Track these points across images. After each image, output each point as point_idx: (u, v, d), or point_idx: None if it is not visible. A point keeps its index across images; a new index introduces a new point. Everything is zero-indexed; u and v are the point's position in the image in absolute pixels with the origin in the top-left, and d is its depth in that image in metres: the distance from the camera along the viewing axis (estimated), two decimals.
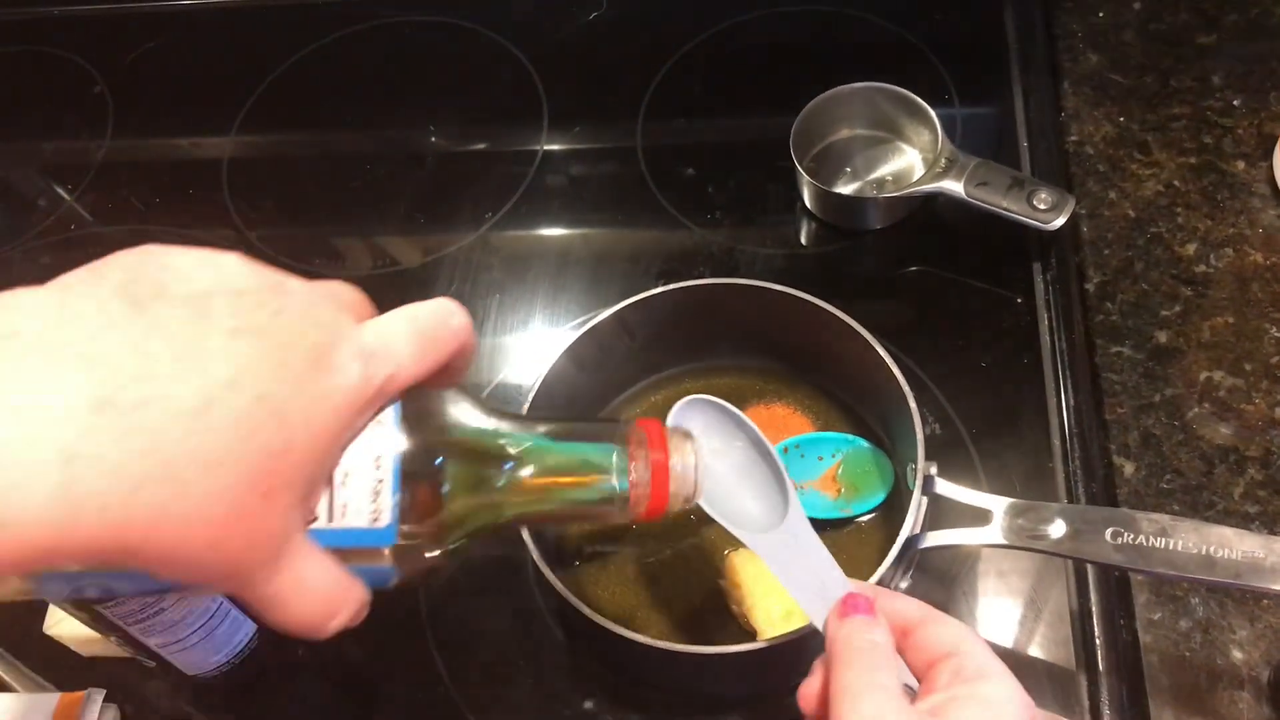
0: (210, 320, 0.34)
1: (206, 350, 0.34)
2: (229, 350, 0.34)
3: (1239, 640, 0.68)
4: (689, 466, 0.49)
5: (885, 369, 0.72)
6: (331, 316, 0.37)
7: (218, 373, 0.33)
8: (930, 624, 0.51)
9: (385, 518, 0.41)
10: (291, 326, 0.36)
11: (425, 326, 0.40)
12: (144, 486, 0.32)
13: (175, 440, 0.32)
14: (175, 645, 0.70)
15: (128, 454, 0.31)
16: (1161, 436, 0.76)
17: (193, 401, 0.33)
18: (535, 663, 0.77)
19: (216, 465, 0.33)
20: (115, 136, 1.13)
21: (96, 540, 0.31)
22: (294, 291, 0.37)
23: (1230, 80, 0.91)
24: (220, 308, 0.35)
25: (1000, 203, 0.86)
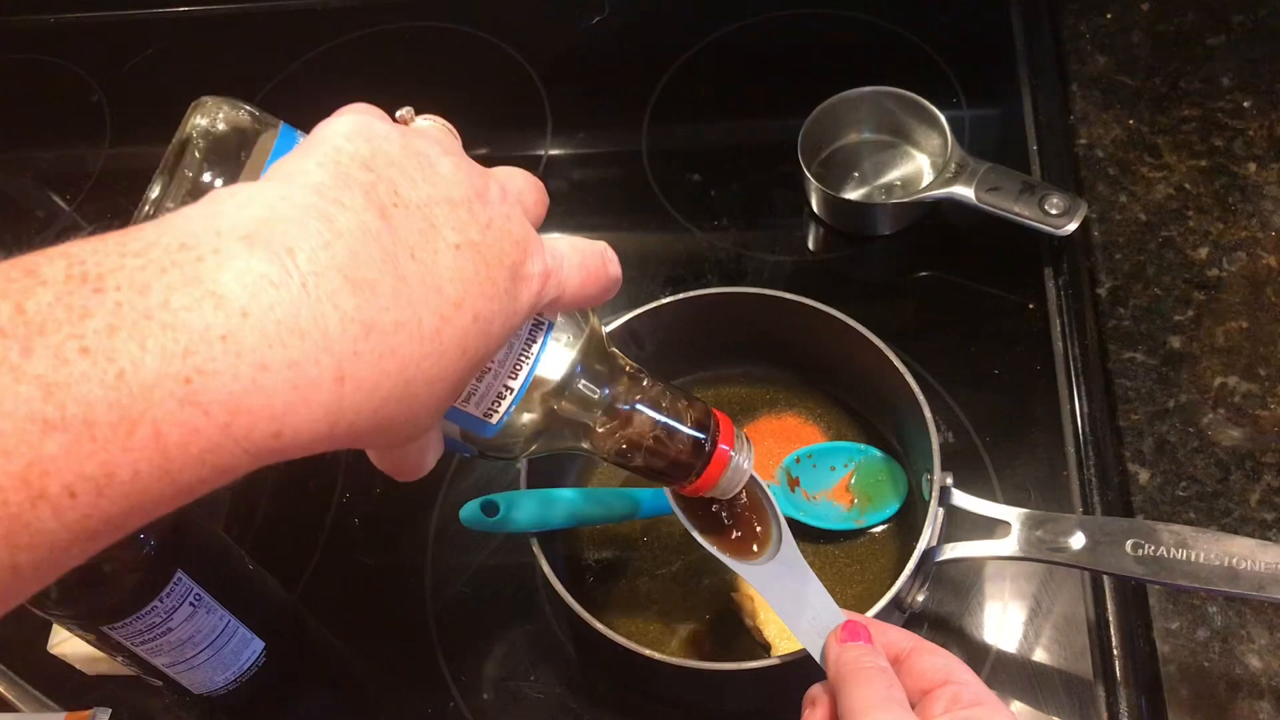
0: (438, 233, 0.37)
1: (439, 269, 0.36)
2: (455, 268, 0.37)
3: (1258, 649, 0.67)
4: (741, 468, 0.55)
5: (898, 376, 0.72)
6: (522, 228, 0.40)
7: (450, 293, 0.36)
8: (922, 653, 0.53)
9: (496, 418, 0.45)
10: (498, 242, 0.39)
11: (590, 263, 0.44)
12: (386, 404, 0.35)
13: (416, 361, 0.35)
14: (182, 665, 0.69)
15: (383, 375, 0.34)
16: (1176, 443, 0.75)
17: (433, 324, 0.36)
18: (545, 677, 0.76)
19: (439, 381, 0.36)
20: (113, 145, 1.12)
21: (338, 442, 0.34)
22: (493, 200, 0.40)
23: (1240, 81, 0.91)
24: (443, 219, 0.37)
25: (1012, 208, 0.85)
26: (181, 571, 0.65)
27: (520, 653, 0.77)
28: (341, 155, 0.36)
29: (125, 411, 0.29)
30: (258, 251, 0.32)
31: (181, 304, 0.30)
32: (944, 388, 0.83)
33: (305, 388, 0.32)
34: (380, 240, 0.35)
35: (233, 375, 0.30)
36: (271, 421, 0.32)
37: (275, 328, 0.31)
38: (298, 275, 0.32)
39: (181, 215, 0.33)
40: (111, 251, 0.30)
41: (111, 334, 0.29)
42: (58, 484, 0.28)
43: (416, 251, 0.36)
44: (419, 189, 0.37)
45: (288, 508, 0.86)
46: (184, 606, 0.66)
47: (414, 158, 0.38)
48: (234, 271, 0.31)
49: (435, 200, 0.37)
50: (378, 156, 0.37)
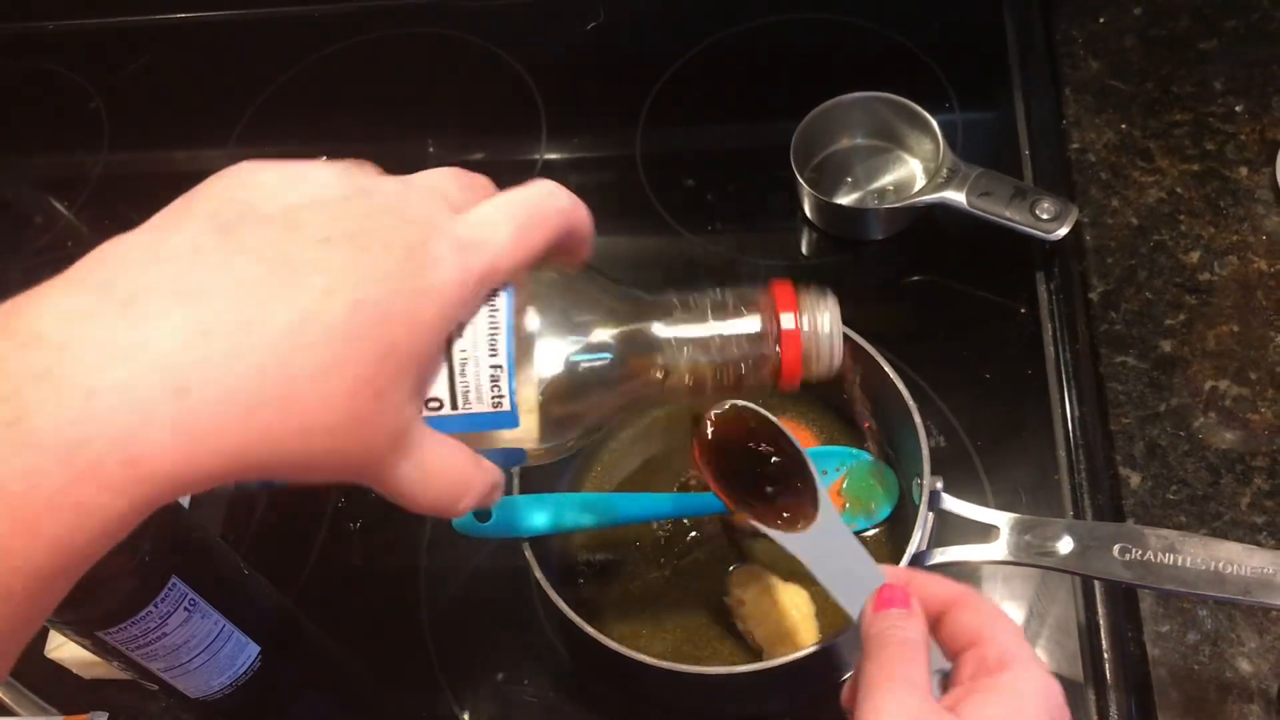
0: (300, 232, 0.35)
1: (299, 263, 0.34)
2: (322, 259, 0.35)
3: (1248, 652, 0.68)
4: (821, 333, 0.46)
5: (889, 382, 0.72)
6: (423, 211, 0.38)
7: (313, 283, 0.34)
8: (962, 609, 0.50)
9: (506, 402, 0.41)
10: (383, 227, 0.36)
11: (523, 210, 0.40)
12: (258, 408, 0.33)
13: (281, 357, 0.33)
14: (178, 669, 0.69)
15: (236, 378, 0.32)
16: (1167, 447, 0.76)
17: (290, 316, 0.33)
18: (539, 681, 0.77)
19: (325, 374, 0.34)
20: (112, 151, 1.13)
21: (222, 465, 0.33)
22: (385, 192, 0.38)
23: (1232, 86, 0.91)
24: (308, 219, 0.35)
25: (1003, 213, 0.85)
26: (176, 577, 0.65)
27: (514, 656, 0.78)
28: (192, 194, 0.36)
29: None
30: (74, 289, 0.33)
31: (4, 350, 0.31)
32: (936, 392, 0.83)
33: (143, 407, 0.31)
34: (217, 253, 0.34)
35: (58, 407, 0.30)
36: (117, 448, 0.31)
37: (95, 353, 0.31)
38: (113, 302, 0.32)
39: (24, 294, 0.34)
40: None
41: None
42: None
43: (267, 255, 0.34)
44: (278, 199, 0.36)
45: (283, 512, 0.86)
46: (179, 611, 0.66)
47: (283, 178, 0.37)
48: (51, 312, 0.32)
49: (299, 206, 0.36)
50: (234, 186, 0.36)
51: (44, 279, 0.34)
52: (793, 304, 0.46)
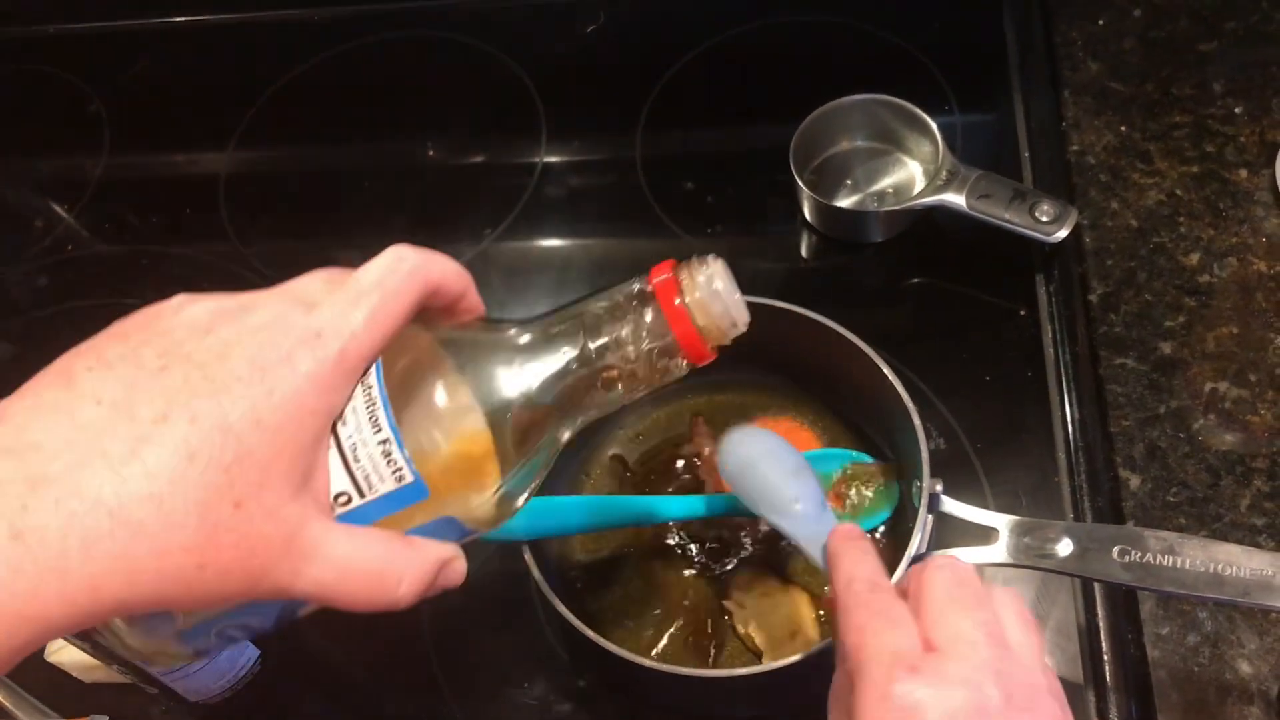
0: (139, 368, 0.35)
1: (133, 397, 0.35)
2: (156, 388, 0.35)
3: (1248, 654, 0.67)
4: (703, 285, 0.45)
5: (888, 385, 0.72)
6: (271, 316, 0.38)
7: (144, 413, 0.34)
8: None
9: (406, 473, 0.39)
10: (222, 344, 0.36)
11: (370, 285, 0.39)
12: (99, 541, 0.33)
13: (114, 490, 0.33)
14: (177, 672, 0.69)
15: (69, 516, 0.33)
16: (1167, 449, 0.76)
17: (121, 450, 0.34)
18: (538, 683, 0.77)
19: (164, 496, 0.34)
20: (111, 154, 1.13)
21: (75, 605, 0.33)
22: (230, 312, 0.38)
23: (1231, 87, 0.91)
24: (147, 354, 0.36)
25: (1002, 215, 0.86)
26: None
27: (514, 659, 0.78)
28: (67, 354, 0.37)
29: None
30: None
31: None
32: (936, 394, 0.83)
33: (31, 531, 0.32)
34: (55, 406, 0.35)
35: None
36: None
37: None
38: None
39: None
40: None
41: None
42: None
43: (103, 395, 0.35)
44: (127, 343, 0.37)
45: None
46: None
47: (145, 325, 0.38)
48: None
49: (145, 341, 0.37)
50: (109, 336, 0.37)
51: (44, 283, 0.35)
52: (671, 286, 0.45)
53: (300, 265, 1.07)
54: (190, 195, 1.09)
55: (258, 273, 1.01)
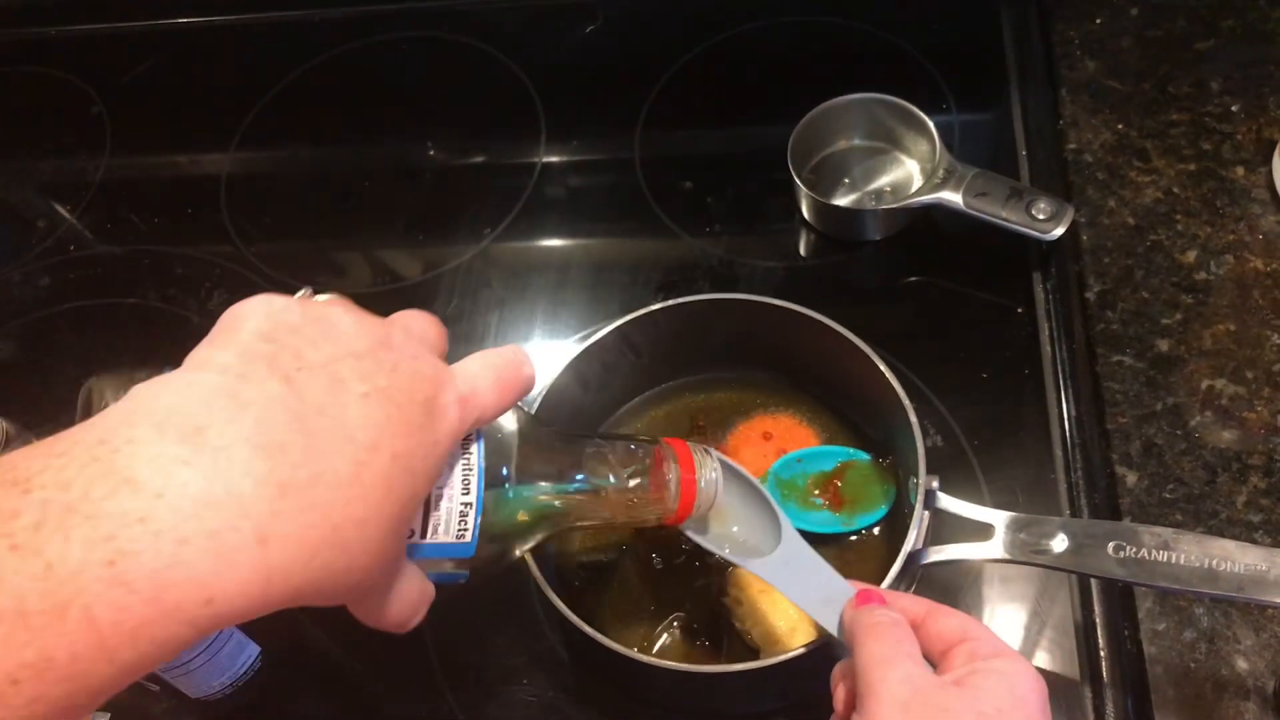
0: (344, 386, 0.39)
1: (349, 419, 0.38)
2: (365, 415, 0.39)
3: (1244, 650, 0.68)
4: (710, 483, 0.57)
5: (885, 382, 0.72)
6: (431, 365, 0.43)
7: (362, 439, 0.38)
8: (939, 615, 0.54)
9: (469, 535, 0.47)
10: (405, 383, 0.41)
11: (504, 375, 0.45)
12: (318, 554, 0.36)
13: (339, 508, 0.37)
14: (178, 669, 0.70)
15: (306, 527, 0.36)
16: (1164, 446, 0.76)
17: (349, 471, 0.37)
18: (538, 680, 0.77)
19: (368, 522, 0.38)
20: (114, 155, 1.13)
21: (280, 601, 0.36)
22: (398, 345, 0.42)
23: (1228, 86, 0.91)
24: (348, 373, 0.39)
25: (999, 213, 0.86)
26: None
27: (513, 656, 0.78)
28: (243, 334, 0.39)
29: (55, 598, 0.31)
30: (168, 436, 0.35)
31: (100, 494, 0.33)
32: (933, 392, 0.83)
33: (228, 553, 0.34)
34: (286, 404, 0.37)
35: (154, 552, 0.33)
36: (200, 589, 0.34)
37: (190, 503, 0.34)
38: (207, 451, 0.35)
39: (105, 413, 0.36)
40: (39, 454, 0.34)
41: (38, 529, 0.32)
42: (4, 676, 0.31)
43: (325, 408, 0.38)
44: (321, 349, 0.39)
45: None
46: None
47: (314, 323, 0.40)
48: (146, 457, 0.34)
49: (339, 357, 0.40)
50: (278, 329, 0.39)
51: (46, 283, 0.35)
52: (692, 466, 0.57)
53: (301, 265, 1.08)
54: (192, 196, 1.09)
55: (260, 273, 1.01)
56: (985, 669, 0.49)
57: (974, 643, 0.51)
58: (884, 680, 0.49)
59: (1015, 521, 0.66)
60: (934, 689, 0.48)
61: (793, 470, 0.78)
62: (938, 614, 0.54)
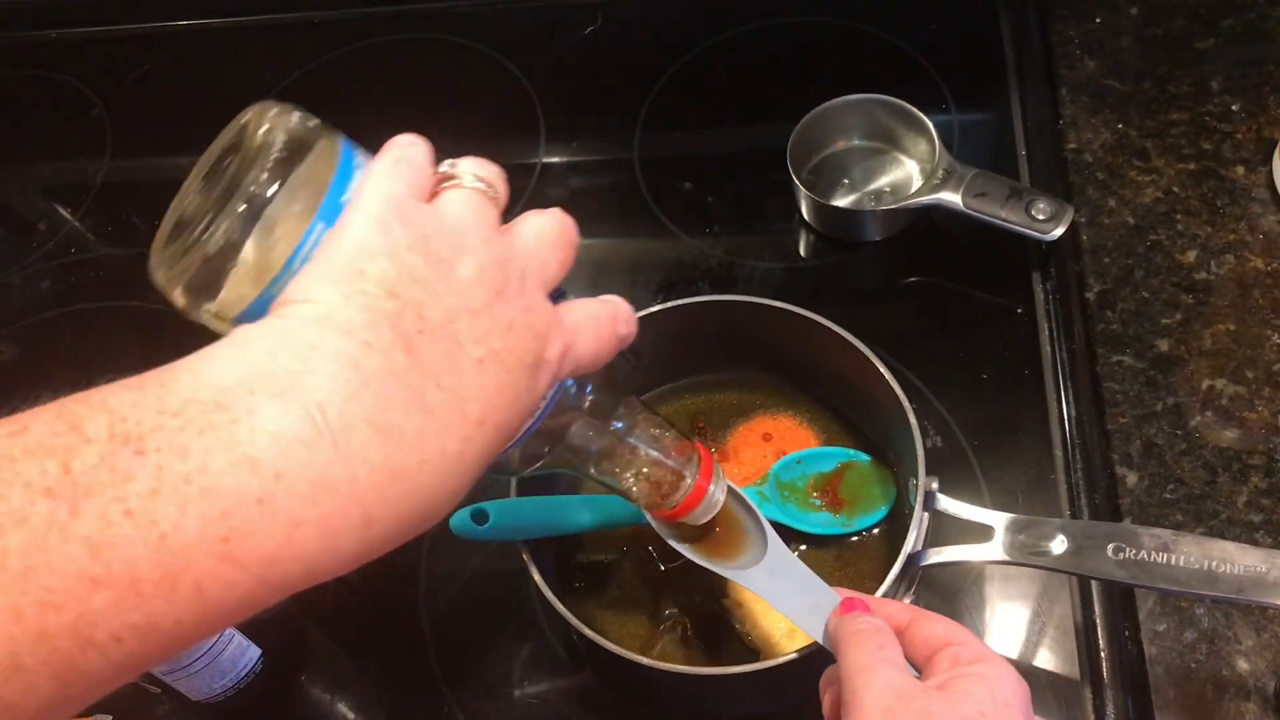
0: (462, 350, 0.38)
1: (463, 389, 0.38)
2: (478, 385, 0.38)
3: (1244, 651, 0.68)
4: (714, 500, 0.59)
5: (885, 383, 0.72)
6: (542, 319, 0.41)
7: (472, 412, 0.38)
8: (923, 621, 0.55)
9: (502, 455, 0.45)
10: (519, 343, 0.40)
11: (603, 331, 0.44)
12: (412, 527, 0.37)
13: (442, 488, 0.37)
14: (180, 672, 0.70)
15: (408, 510, 0.36)
16: (1164, 446, 0.76)
17: (456, 448, 0.37)
18: (538, 682, 0.77)
19: (459, 492, 0.38)
20: (114, 158, 1.13)
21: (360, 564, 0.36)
22: (512, 295, 0.40)
23: (1228, 85, 0.91)
24: (465, 333, 0.38)
25: (998, 213, 0.86)
26: None
27: (514, 658, 0.78)
28: (368, 283, 0.37)
29: (167, 569, 0.31)
30: (290, 410, 0.34)
31: (219, 468, 0.32)
32: (933, 392, 0.83)
33: (336, 536, 0.34)
34: (407, 378, 0.36)
35: (268, 534, 0.33)
36: (304, 566, 0.34)
37: (308, 487, 0.33)
38: (328, 433, 0.34)
39: (214, 363, 0.35)
40: (150, 408, 0.33)
41: (153, 497, 0.31)
42: (105, 633, 0.31)
43: (442, 378, 0.37)
44: (442, 303, 0.38)
45: None
46: None
47: (436, 265, 0.38)
48: (268, 434, 0.33)
49: (457, 313, 0.38)
50: (403, 277, 0.38)
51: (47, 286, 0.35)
52: (710, 477, 0.58)
53: None
54: None
55: None
56: (968, 673, 0.50)
57: (957, 648, 0.52)
58: (867, 687, 0.49)
59: (1015, 523, 0.66)
60: (916, 694, 0.48)
61: (793, 472, 0.78)
62: (922, 620, 0.55)
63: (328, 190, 0.41)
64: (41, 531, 0.30)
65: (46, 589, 0.30)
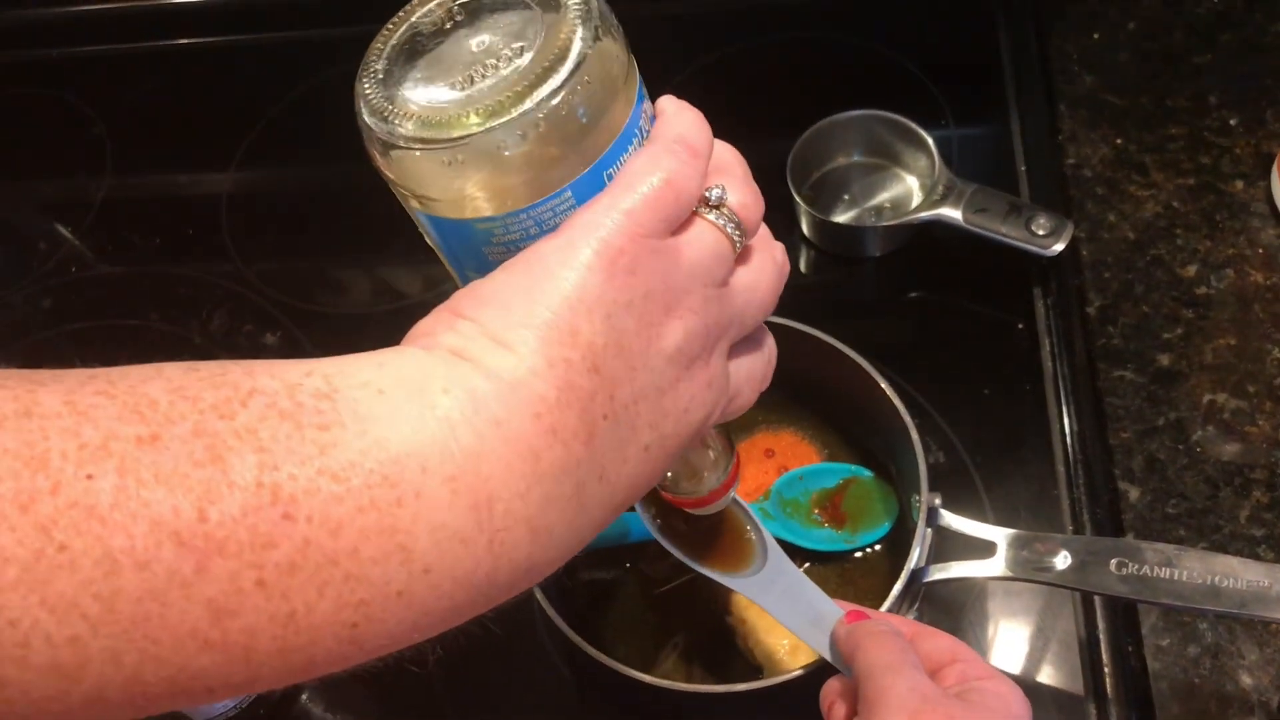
0: (635, 436, 0.34)
1: (621, 482, 0.34)
2: (635, 475, 0.35)
3: (1248, 665, 0.68)
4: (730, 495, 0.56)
5: (887, 400, 0.72)
6: (720, 392, 0.37)
7: (618, 502, 0.35)
8: (927, 636, 0.54)
9: None
10: (686, 430, 0.36)
11: (757, 392, 0.41)
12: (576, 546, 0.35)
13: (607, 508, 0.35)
14: None
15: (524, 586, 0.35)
16: (1166, 460, 0.76)
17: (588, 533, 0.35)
18: (542, 700, 0.77)
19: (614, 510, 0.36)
20: (115, 175, 1.14)
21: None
22: (696, 370, 0.36)
23: (1226, 99, 0.91)
24: (643, 417, 0.34)
25: (999, 229, 0.86)
26: None
27: (517, 677, 0.78)
28: (577, 350, 0.32)
29: (286, 645, 0.29)
30: (459, 502, 0.31)
31: (370, 555, 0.29)
32: (934, 408, 0.83)
33: (454, 622, 0.33)
34: (577, 473, 0.33)
35: (397, 622, 0.31)
36: (409, 643, 0.33)
37: (450, 584, 0.31)
38: (489, 531, 0.31)
39: (387, 422, 0.30)
40: (308, 459, 0.29)
41: (292, 572, 0.28)
42: (201, 686, 0.29)
43: (608, 470, 0.34)
44: (636, 383, 0.34)
45: None
46: None
47: (645, 332, 0.34)
48: (430, 526, 0.30)
49: (646, 395, 0.34)
50: (609, 346, 0.33)
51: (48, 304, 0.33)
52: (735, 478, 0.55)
53: (303, 285, 1.07)
54: (193, 216, 1.09)
55: (260, 293, 1.01)
56: (981, 688, 0.50)
57: (965, 664, 0.52)
58: (893, 687, 0.48)
59: (1017, 539, 0.66)
60: (941, 699, 0.48)
61: (795, 488, 0.78)
62: (926, 635, 0.54)
63: (599, 156, 0.35)
64: (163, 582, 0.27)
65: (153, 641, 0.27)
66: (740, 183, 0.38)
